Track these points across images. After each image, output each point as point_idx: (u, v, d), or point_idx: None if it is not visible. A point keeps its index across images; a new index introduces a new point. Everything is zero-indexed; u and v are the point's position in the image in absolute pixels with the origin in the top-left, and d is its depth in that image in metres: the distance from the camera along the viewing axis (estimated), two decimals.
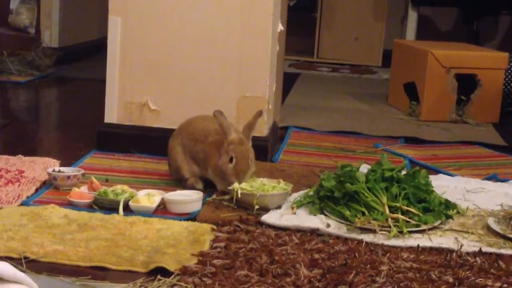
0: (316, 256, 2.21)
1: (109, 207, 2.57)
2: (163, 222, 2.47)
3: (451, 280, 2.09)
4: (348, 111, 4.69)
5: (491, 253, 2.32)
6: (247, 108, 3.30)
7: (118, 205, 2.56)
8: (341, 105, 4.87)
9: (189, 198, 2.62)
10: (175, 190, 2.72)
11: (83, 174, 2.83)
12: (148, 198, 2.61)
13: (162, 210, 2.61)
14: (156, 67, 3.33)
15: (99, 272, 2.09)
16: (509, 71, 4.72)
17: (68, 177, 2.78)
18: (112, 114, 3.38)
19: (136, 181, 2.92)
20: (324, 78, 6.18)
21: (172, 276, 2.05)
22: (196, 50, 3.30)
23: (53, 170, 2.82)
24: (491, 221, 2.56)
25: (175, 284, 1.99)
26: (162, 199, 2.63)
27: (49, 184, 2.81)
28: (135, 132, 3.36)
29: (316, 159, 3.45)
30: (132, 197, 2.61)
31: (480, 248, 2.34)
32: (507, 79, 4.70)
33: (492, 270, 2.18)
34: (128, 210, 2.56)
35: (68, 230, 2.36)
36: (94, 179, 2.74)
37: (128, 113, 3.37)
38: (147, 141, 3.32)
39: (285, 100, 4.74)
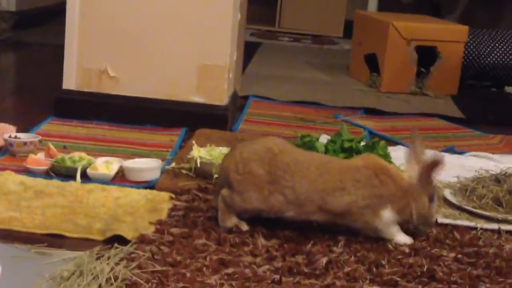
0: (274, 226, 2.21)
1: (66, 174, 2.54)
2: (121, 190, 2.45)
3: (407, 250, 2.11)
4: (309, 81, 4.69)
5: (446, 224, 2.35)
6: (207, 76, 3.28)
7: (76, 172, 2.53)
8: (302, 75, 4.87)
9: (147, 166, 2.61)
10: (133, 158, 2.70)
11: (40, 141, 2.80)
12: (106, 165, 2.59)
13: (120, 178, 2.59)
14: (116, 33, 3.28)
15: (56, 240, 2.07)
16: (469, 44, 4.76)
17: (25, 143, 2.74)
18: (71, 80, 3.33)
19: (94, 149, 2.89)
20: (286, 48, 6.17)
21: (129, 245, 2.03)
22: (157, 17, 3.27)
23: (9, 136, 2.78)
24: (447, 193, 2.59)
25: (132, 253, 1.98)
26: (121, 166, 2.61)
27: (5, 150, 2.77)
28: (93, 99, 3.32)
29: (276, 128, 3.45)
30: (90, 164, 2.58)
31: (436, 219, 2.37)
32: (466, 52, 4.74)
33: (447, 241, 2.22)
34: (86, 177, 2.54)
35: (24, 197, 2.33)
36: (51, 146, 2.71)
37: (86, 80, 3.33)
38: (105, 108, 3.29)
39: (246, 69, 4.72)
